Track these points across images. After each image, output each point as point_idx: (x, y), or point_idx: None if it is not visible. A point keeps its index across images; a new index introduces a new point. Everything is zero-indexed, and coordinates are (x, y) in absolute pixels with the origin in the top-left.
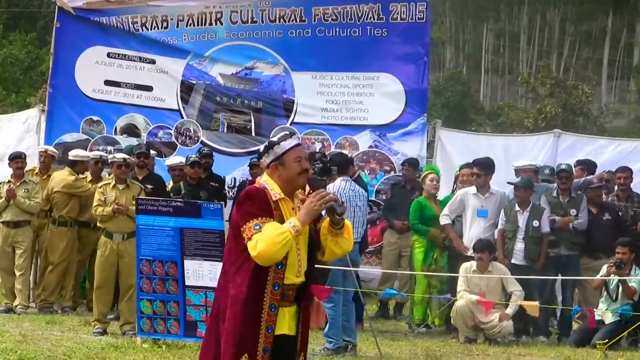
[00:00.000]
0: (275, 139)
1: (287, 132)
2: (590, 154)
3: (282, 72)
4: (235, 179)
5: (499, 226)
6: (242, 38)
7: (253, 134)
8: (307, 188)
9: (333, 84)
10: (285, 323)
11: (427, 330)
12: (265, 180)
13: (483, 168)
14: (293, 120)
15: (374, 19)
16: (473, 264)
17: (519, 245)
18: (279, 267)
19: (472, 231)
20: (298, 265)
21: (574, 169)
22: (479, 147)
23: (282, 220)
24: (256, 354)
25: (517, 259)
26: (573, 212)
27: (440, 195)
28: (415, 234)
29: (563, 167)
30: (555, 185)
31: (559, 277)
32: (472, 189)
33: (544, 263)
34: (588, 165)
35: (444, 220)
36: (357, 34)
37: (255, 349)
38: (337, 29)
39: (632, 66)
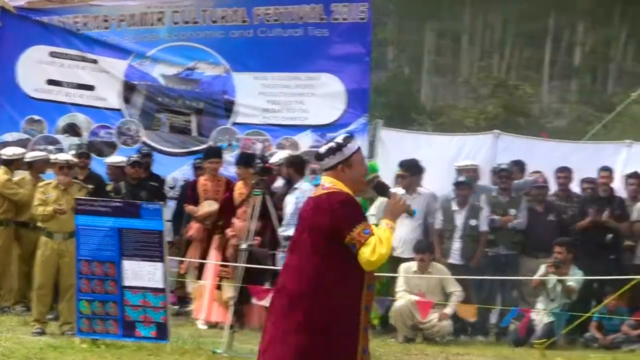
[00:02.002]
0: (340, 140)
1: (348, 134)
2: (528, 154)
3: (223, 72)
4: (176, 178)
5: (436, 226)
6: (183, 38)
7: (194, 134)
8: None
9: (274, 84)
10: None
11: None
12: (333, 184)
13: (409, 169)
14: (234, 120)
15: (315, 19)
16: (413, 265)
17: (457, 245)
18: None
19: (400, 231)
20: None
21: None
22: (420, 146)
23: None
24: (356, 356)
25: (455, 258)
26: (513, 212)
27: None
28: None
29: (503, 166)
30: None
31: (496, 277)
32: (400, 190)
33: (481, 262)
34: (522, 166)
35: (370, 220)
36: (298, 34)
37: (356, 351)
38: (279, 30)
39: (574, 66)
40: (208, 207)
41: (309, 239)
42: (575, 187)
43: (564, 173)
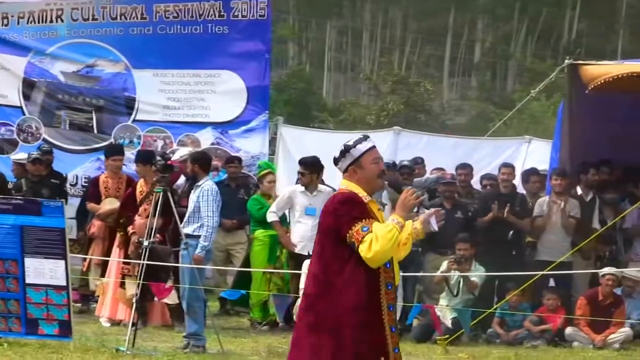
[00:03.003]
0: (350, 142)
1: (362, 136)
2: (429, 151)
3: (124, 69)
4: (77, 176)
5: None
6: (83, 35)
7: (95, 131)
8: None
9: (174, 81)
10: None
11: (269, 328)
12: (346, 185)
13: (309, 166)
14: (135, 117)
15: (215, 16)
16: None
17: None
18: (387, 266)
19: (301, 228)
20: (398, 263)
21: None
22: (321, 144)
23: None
24: (388, 355)
25: None
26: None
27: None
28: (255, 231)
29: (404, 163)
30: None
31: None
32: (300, 187)
33: None
34: (423, 163)
35: (271, 217)
36: (198, 31)
37: (387, 350)
38: (179, 27)
39: (474, 63)
40: (109, 204)
41: (320, 242)
42: (476, 184)
43: (465, 170)
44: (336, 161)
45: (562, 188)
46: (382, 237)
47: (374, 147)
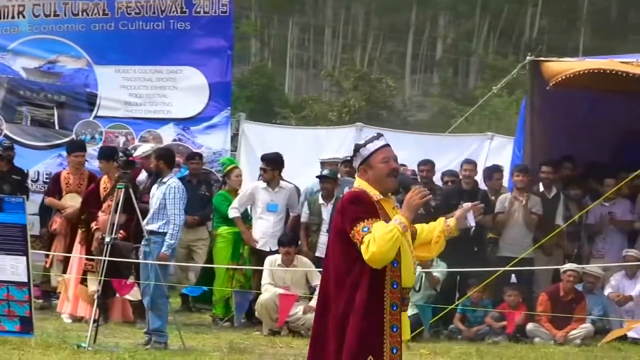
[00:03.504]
0: (362, 141)
1: (375, 134)
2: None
3: (85, 65)
4: (39, 172)
5: (302, 219)
6: (45, 32)
7: (57, 127)
8: None
9: (136, 77)
10: (407, 328)
11: (231, 324)
12: (359, 184)
13: (271, 163)
14: (96, 114)
15: (177, 13)
16: (278, 258)
17: (323, 238)
18: (395, 265)
19: (262, 225)
20: (414, 265)
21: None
22: (283, 140)
23: (387, 220)
24: (383, 355)
25: (321, 251)
26: None
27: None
28: (218, 228)
29: None
30: None
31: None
32: (262, 183)
33: None
34: None
35: (232, 213)
36: (160, 27)
37: (381, 350)
38: (140, 23)
39: (435, 60)
40: (70, 200)
41: (332, 242)
42: (438, 180)
43: (427, 166)
44: (350, 162)
45: (523, 184)
46: (379, 238)
47: (385, 145)
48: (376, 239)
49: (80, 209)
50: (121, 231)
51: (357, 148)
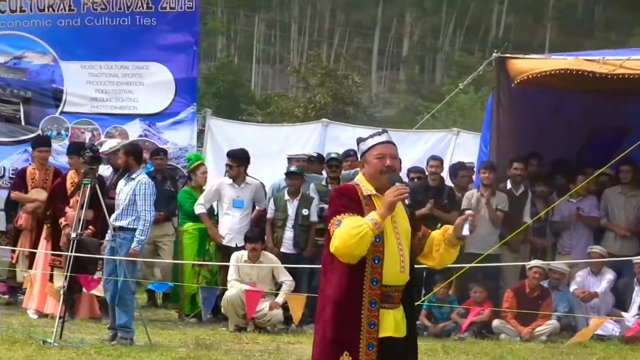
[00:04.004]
0: (364, 136)
1: (379, 130)
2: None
3: (51, 61)
4: (4, 168)
5: (268, 215)
6: (11, 27)
7: (22, 123)
8: None
9: (102, 73)
10: (391, 325)
11: (197, 320)
12: (359, 178)
13: (237, 159)
14: (62, 109)
15: (143, 8)
16: (244, 254)
17: (289, 234)
18: (376, 262)
19: (229, 221)
20: (401, 262)
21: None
22: (249, 136)
23: None
24: (358, 351)
25: (287, 247)
26: None
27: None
28: (184, 224)
29: (333, 155)
30: (324, 174)
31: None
32: (228, 179)
33: (312, 251)
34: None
35: (198, 209)
36: (126, 23)
37: (356, 346)
38: (106, 19)
39: (402, 56)
40: (37, 194)
41: (326, 234)
42: (404, 177)
43: None
44: (357, 155)
45: (490, 181)
46: (344, 233)
47: (384, 142)
48: (342, 233)
49: (47, 204)
50: (90, 227)
51: (358, 142)
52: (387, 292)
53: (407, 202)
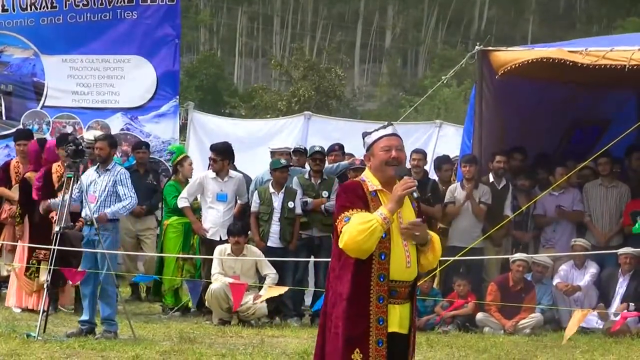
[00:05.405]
0: (370, 130)
1: (386, 123)
2: (339, 136)
3: (32, 55)
4: None
5: (253, 209)
6: None
7: (3, 117)
8: None
9: (83, 66)
10: (397, 320)
11: (181, 314)
12: (365, 173)
13: (220, 153)
14: (44, 103)
15: (124, 2)
16: (227, 247)
17: (274, 227)
18: (382, 258)
19: (212, 214)
20: (407, 259)
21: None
22: (232, 129)
23: None
24: (368, 348)
25: (273, 241)
26: (325, 194)
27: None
28: (168, 218)
29: (317, 149)
30: (307, 167)
31: (311, 259)
32: (211, 173)
33: (297, 244)
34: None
35: (182, 203)
36: (107, 17)
37: (367, 342)
38: (88, 14)
39: (384, 49)
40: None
41: (334, 231)
42: None
43: None
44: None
45: (471, 175)
46: (353, 229)
47: (389, 134)
48: (349, 230)
49: (36, 195)
50: (80, 219)
51: (364, 136)
52: (393, 287)
53: (415, 195)
